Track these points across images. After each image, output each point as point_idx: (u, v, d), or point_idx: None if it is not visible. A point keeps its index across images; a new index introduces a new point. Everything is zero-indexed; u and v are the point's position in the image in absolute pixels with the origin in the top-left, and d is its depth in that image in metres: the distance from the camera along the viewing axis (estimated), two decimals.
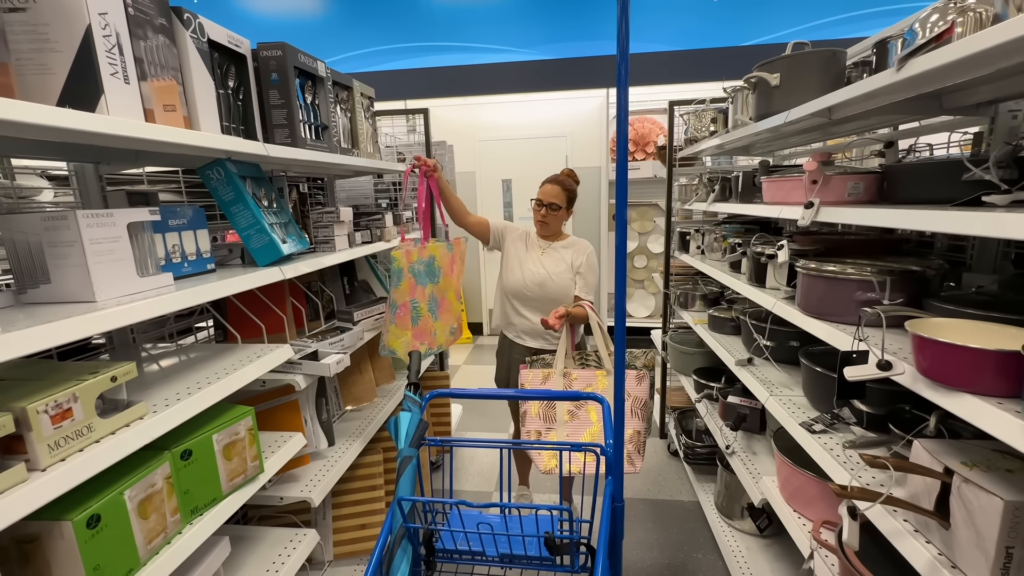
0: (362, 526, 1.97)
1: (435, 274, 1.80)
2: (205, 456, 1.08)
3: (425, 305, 1.76)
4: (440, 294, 1.84)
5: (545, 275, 2.01)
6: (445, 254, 1.87)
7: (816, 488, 1.36)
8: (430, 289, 1.78)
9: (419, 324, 1.72)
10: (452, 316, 1.93)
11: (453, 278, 1.94)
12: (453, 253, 1.92)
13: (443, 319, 1.86)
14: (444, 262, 1.85)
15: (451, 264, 1.90)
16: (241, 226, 1.33)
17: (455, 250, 1.94)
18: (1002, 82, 1.08)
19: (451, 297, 1.92)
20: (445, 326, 1.88)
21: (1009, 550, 0.77)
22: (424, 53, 4.60)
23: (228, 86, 1.39)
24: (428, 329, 1.77)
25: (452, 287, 1.92)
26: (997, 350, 0.75)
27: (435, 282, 1.81)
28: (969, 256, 1.43)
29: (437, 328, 1.82)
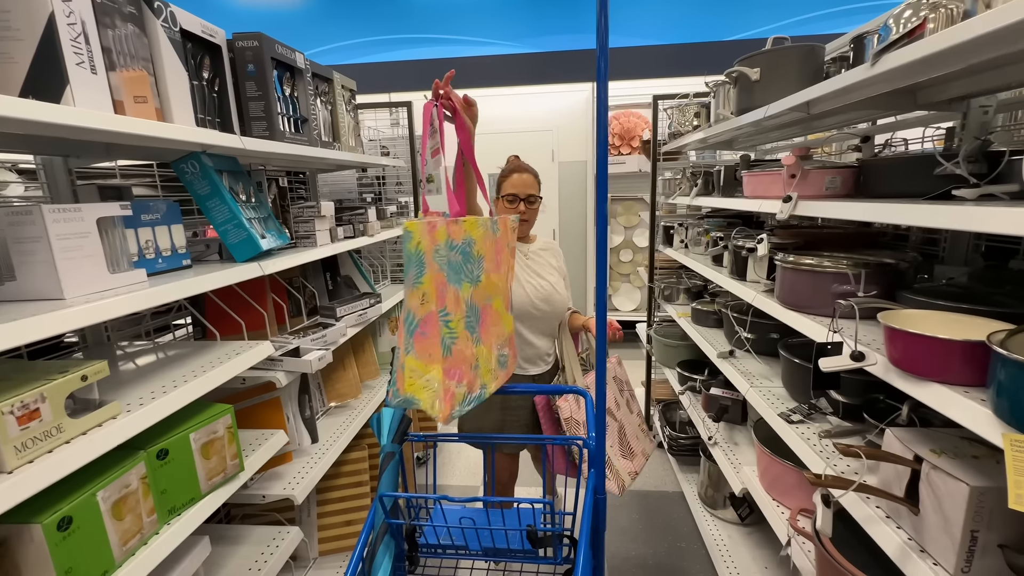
0: (348, 523, 1.96)
1: (474, 266, 1.06)
2: (182, 455, 1.07)
3: (461, 319, 1.03)
4: (482, 300, 1.09)
5: (550, 288, 1.69)
6: (487, 236, 1.09)
7: (794, 477, 1.39)
8: (467, 292, 1.05)
9: (454, 353, 1.02)
10: (500, 336, 1.14)
11: (501, 275, 1.15)
12: (499, 236, 1.13)
13: (487, 341, 1.09)
14: (487, 248, 1.09)
15: (497, 253, 1.12)
16: (218, 221, 1.31)
17: (501, 231, 1.14)
18: (974, 78, 1.11)
19: (498, 306, 1.14)
20: (490, 353, 1.10)
21: (974, 534, 0.80)
22: (408, 45, 4.54)
23: (203, 77, 1.35)
24: (467, 359, 1.04)
25: (499, 290, 1.14)
26: (964, 340, 0.77)
27: (474, 281, 1.06)
28: (942, 249, 1.46)
29: (480, 356, 1.07)
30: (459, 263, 1.03)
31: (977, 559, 0.81)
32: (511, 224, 1.20)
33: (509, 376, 1.18)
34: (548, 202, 4.90)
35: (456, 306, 1.03)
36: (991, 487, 0.78)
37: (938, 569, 0.84)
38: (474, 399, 1.05)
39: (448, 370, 1.01)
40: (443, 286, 1.00)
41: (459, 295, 1.03)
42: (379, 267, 2.70)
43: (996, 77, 1.06)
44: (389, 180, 2.93)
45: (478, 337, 1.07)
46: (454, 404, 1.00)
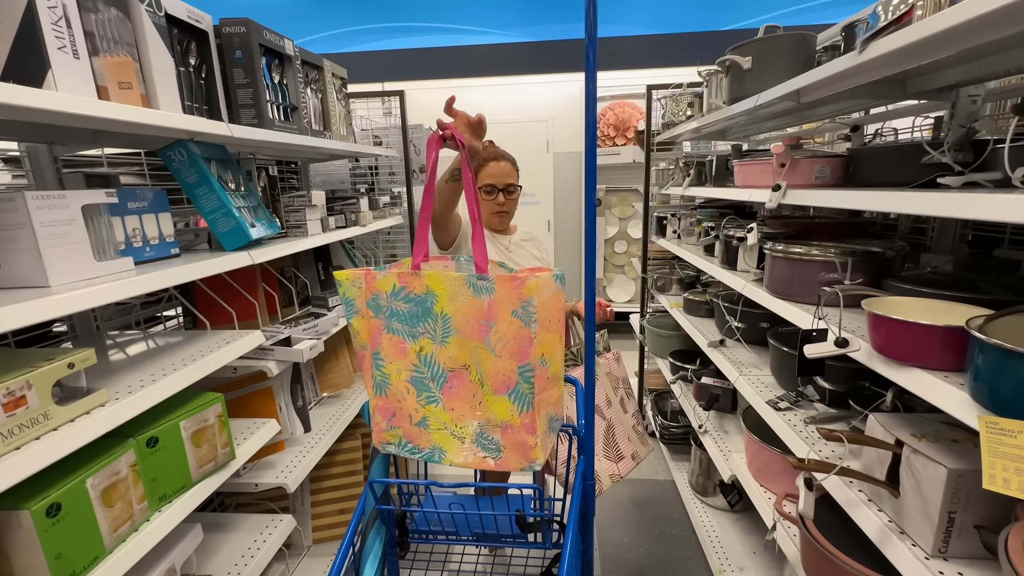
0: (341, 511, 1.98)
1: (436, 324, 0.96)
2: (172, 443, 1.07)
3: (402, 371, 0.98)
4: (451, 365, 0.97)
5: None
6: (460, 296, 0.95)
7: (780, 463, 1.41)
8: (426, 349, 0.97)
9: (388, 395, 1.00)
10: (482, 417, 0.97)
11: (489, 346, 0.94)
12: (493, 298, 0.93)
13: (454, 408, 0.98)
14: (459, 310, 0.95)
15: (484, 316, 0.94)
16: (206, 209, 1.30)
17: (501, 291, 0.93)
18: (963, 67, 1.11)
19: (474, 378, 0.97)
20: (460, 424, 0.98)
21: (952, 515, 0.81)
22: (401, 34, 4.49)
23: (189, 64, 1.34)
24: (403, 409, 0.99)
25: (497, 372, 0.95)
26: (944, 326, 0.78)
27: (438, 340, 0.96)
28: (929, 238, 1.47)
29: (431, 417, 0.99)
30: (412, 315, 0.97)
31: (954, 540, 0.83)
32: (531, 285, 0.91)
33: (501, 467, 0.97)
34: (542, 193, 4.89)
35: (399, 355, 0.98)
36: (968, 470, 0.79)
37: (916, 550, 0.86)
38: (417, 452, 0.99)
39: (380, 407, 1.01)
40: (377, 332, 0.99)
41: (408, 347, 0.98)
42: (372, 257, 2.69)
43: (985, 65, 1.06)
44: (382, 170, 2.92)
45: (433, 398, 0.98)
46: (382, 438, 1.00)
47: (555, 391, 1.01)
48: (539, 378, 0.95)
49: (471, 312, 0.95)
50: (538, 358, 0.94)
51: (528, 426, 0.95)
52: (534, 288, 0.91)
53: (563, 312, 0.99)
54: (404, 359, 0.99)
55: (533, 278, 0.92)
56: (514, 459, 0.95)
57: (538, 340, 0.93)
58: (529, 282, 0.92)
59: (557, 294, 0.97)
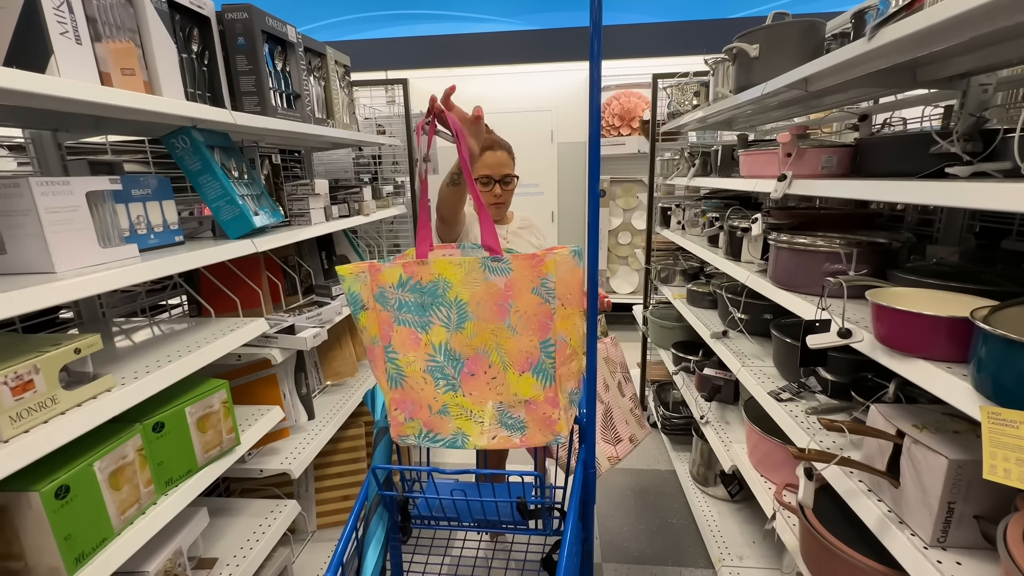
0: (345, 497, 2.00)
1: (450, 310, 0.96)
2: (178, 428, 1.08)
3: (417, 362, 0.97)
4: (468, 350, 0.96)
5: None
6: (473, 279, 0.94)
7: (781, 453, 1.42)
8: (440, 336, 0.97)
9: (404, 387, 0.99)
10: (505, 396, 0.97)
11: (510, 326, 0.95)
12: (510, 278, 0.93)
13: (474, 393, 0.97)
14: (474, 294, 0.94)
15: (502, 297, 0.94)
16: (210, 197, 1.30)
17: (519, 271, 0.93)
18: (974, 54, 1.09)
19: (502, 358, 0.96)
20: (480, 408, 0.98)
21: (951, 505, 0.82)
22: (404, 21, 4.45)
23: (192, 50, 1.33)
24: (421, 400, 0.98)
25: (519, 350, 0.95)
26: (948, 316, 0.78)
27: (452, 327, 0.96)
28: (936, 230, 1.46)
29: (450, 404, 0.98)
30: (421, 304, 0.96)
31: (953, 529, 0.83)
32: (548, 262, 0.91)
33: (526, 444, 0.97)
34: (546, 184, 4.87)
35: (412, 348, 0.97)
36: (969, 460, 0.79)
37: (915, 539, 0.86)
38: (440, 440, 0.98)
39: (396, 400, 0.99)
40: (387, 325, 0.97)
41: (421, 338, 0.97)
42: (375, 247, 2.70)
43: (997, 53, 1.04)
44: (385, 159, 2.91)
45: (452, 385, 0.97)
46: (401, 431, 0.99)
47: (575, 364, 1.01)
48: (560, 352, 0.95)
49: (488, 295, 0.95)
50: (559, 332, 0.95)
51: (551, 399, 0.95)
52: (552, 265, 0.92)
53: (581, 287, 0.98)
54: (418, 349, 0.98)
55: (551, 255, 0.93)
56: (538, 434, 0.95)
57: (558, 315, 0.94)
58: (547, 259, 0.92)
59: (575, 270, 0.97)
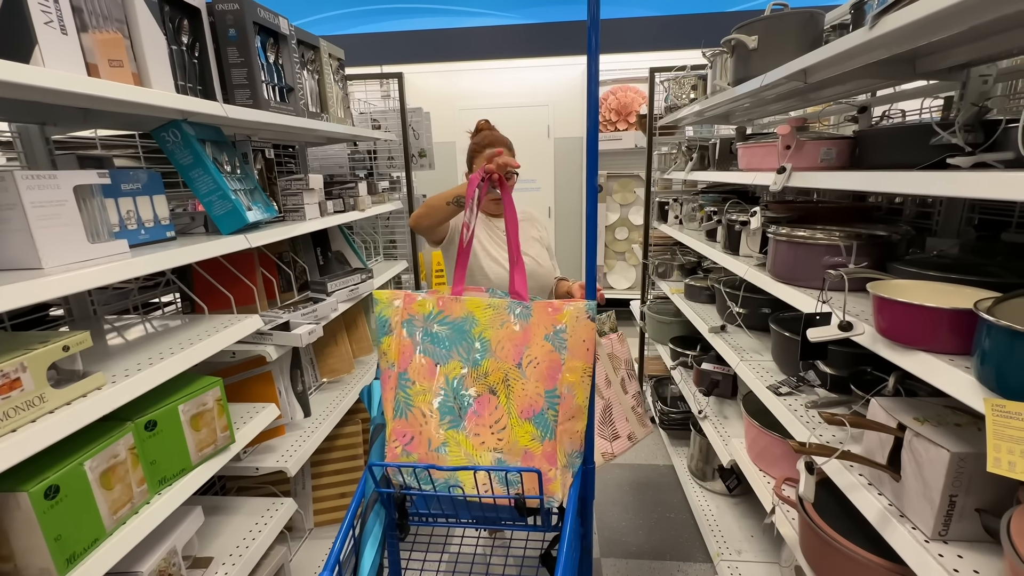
0: (342, 495, 1.99)
1: (471, 347, 1.01)
2: (171, 427, 1.07)
3: (428, 393, 1.01)
4: (480, 390, 1.00)
5: (532, 264, 1.64)
6: (501, 321, 1.02)
7: (780, 448, 1.41)
8: (456, 371, 1.01)
9: (409, 417, 1.01)
10: (504, 443, 0.99)
11: (521, 368, 0.99)
12: (529, 323, 1.00)
13: (481, 435, 0.99)
14: (502, 334, 1.01)
15: (520, 341, 0.99)
16: (202, 192, 1.28)
17: (537, 316, 1.00)
18: (974, 44, 1.08)
19: (508, 400, 0.99)
20: (483, 452, 0.99)
21: (953, 498, 0.81)
22: (400, 15, 4.41)
23: (182, 42, 1.31)
24: (422, 434, 0.99)
25: (524, 394, 0.98)
26: (951, 308, 0.77)
27: (470, 363, 1.00)
28: (935, 222, 1.46)
29: (450, 443, 0.99)
30: (444, 336, 1.03)
31: (954, 523, 0.83)
32: (573, 314, 0.96)
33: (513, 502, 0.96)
34: (543, 179, 4.85)
35: (427, 377, 1.02)
36: (971, 453, 0.79)
37: (916, 533, 0.86)
38: (432, 481, 0.98)
39: (397, 431, 1.01)
40: (408, 352, 1.03)
41: (437, 369, 1.02)
42: (371, 243, 2.68)
43: (997, 43, 1.03)
44: (381, 155, 2.88)
45: (457, 423, 1.00)
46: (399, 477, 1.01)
47: (578, 423, 1.02)
48: (564, 405, 0.98)
49: (509, 338, 1.01)
50: (565, 385, 0.98)
51: (550, 455, 0.97)
52: (568, 315, 0.98)
53: (593, 342, 1.00)
54: (432, 380, 1.02)
55: (568, 307, 0.98)
56: (532, 489, 0.96)
57: (567, 367, 0.97)
58: (565, 310, 0.98)
59: (588, 325, 1.00)
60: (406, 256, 2.86)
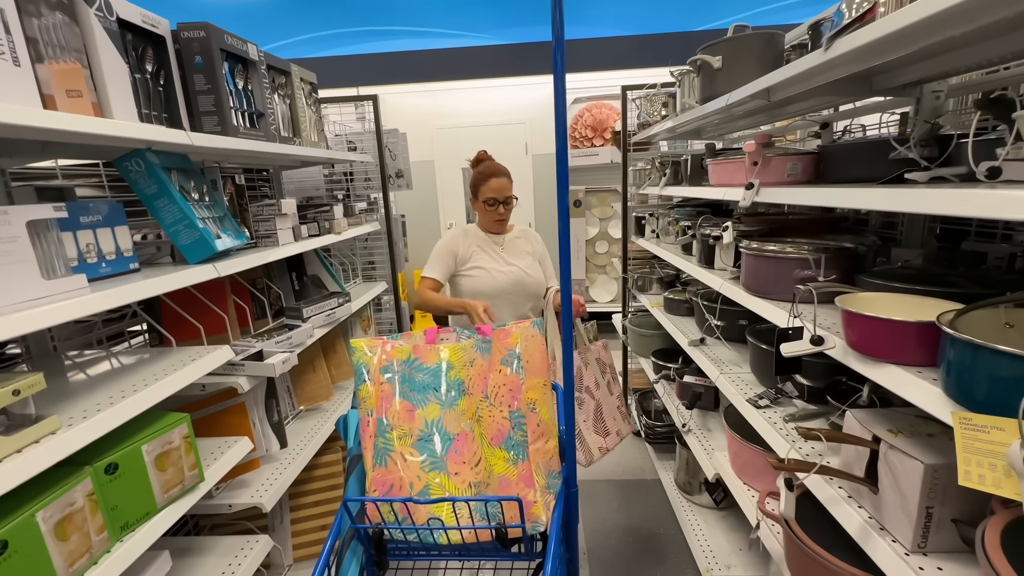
0: (323, 527, 1.92)
1: (448, 389, 1.06)
2: (134, 468, 1.02)
3: (411, 436, 1.02)
4: (458, 427, 1.03)
5: (520, 272, 1.82)
6: (473, 357, 1.08)
7: (762, 460, 1.41)
8: (434, 414, 1.04)
9: (388, 464, 1.00)
10: (481, 473, 1.01)
11: (487, 396, 1.03)
12: (489, 358, 1.06)
13: (461, 472, 1.01)
14: (473, 372, 1.06)
15: (485, 371, 1.05)
16: (167, 222, 1.25)
17: (496, 343, 1.06)
18: (926, 63, 1.12)
19: (480, 431, 1.03)
20: (462, 486, 1.01)
21: (929, 510, 0.81)
22: (375, 38, 4.44)
23: (146, 70, 1.29)
24: (401, 480, 1.00)
25: (492, 420, 1.01)
26: (915, 322, 0.79)
27: (447, 404, 1.04)
28: (899, 232, 1.50)
29: (437, 486, 1.00)
30: (422, 381, 1.08)
31: (932, 534, 0.83)
32: (530, 332, 1.06)
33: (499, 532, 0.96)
34: (523, 195, 4.88)
35: (407, 419, 1.05)
36: (944, 464, 0.79)
37: (896, 546, 0.86)
38: (412, 529, 0.98)
39: (377, 480, 1.01)
40: (387, 397, 1.06)
41: (416, 412, 1.06)
42: (348, 265, 2.64)
43: (947, 61, 1.07)
44: (358, 176, 2.87)
45: (438, 464, 1.02)
46: (374, 517, 1.01)
47: (548, 443, 1.06)
48: (531, 424, 1.02)
49: (478, 373, 1.07)
50: (528, 403, 1.02)
51: (526, 477, 1.00)
52: (518, 337, 1.05)
53: (545, 356, 1.08)
54: (412, 423, 1.05)
55: (517, 328, 1.06)
56: (514, 518, 0.97)
57: (526, 385, 1.03)
58: (514, 332, 1.05)
59: (537, 338, 1.08)
60: (385, 277, 2.83)
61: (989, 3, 0.67)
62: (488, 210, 1.82)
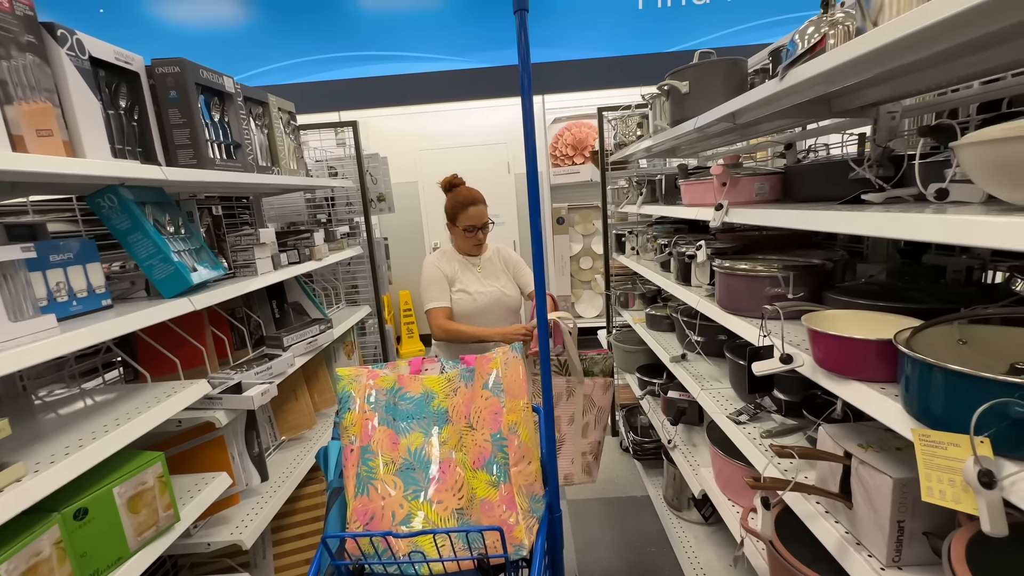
0: (307, 560, 1.87)
1: (431, 419, 1.08)
2: (105, 512, 0.99)
3: (394, 464, 1.03)
4: (441, 453, 1.05)
5: (498, 291, 1.93)
6: (458, 386, 1.11)
7: (745, 476, 1.42)
8: (417, 442, 1.05)
9: (370, 493, 1.01)
10: (467, 498, 1.01)
11: (470, 422, 1.06)
12: (472, 386, 1.09)
13: (444, 500, 1.01)
14: (457, 400, 1.10)
15: (470, 399, 1.08)
16: (141, 256, 1.24)
17: (478, 370, 1.11)
18: (882, 86, 1.18)
19: (463, 455, 1.04)
20: (444, 514, 1.00)
21: (901, 524, 0.83)
22: (354, 63, 4.49)
23: (120, 106, 1.29)
24: (381, 509, 1.00)
25: (474, 444, 1.03)
26: (876, 340, 0.81)
27: (431, 433, 1.07)
28: (866, 247, 1.54)
29: (420, 515, 1.00)
30: (406, 411, 1.10)
31: (906, 548, 0.84)
32: (510, 358, 1.10)
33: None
34: (507, 214, 4.93)
35: (390, 448, 1.06)
36: (912, 478, 0.81)
37: (872, 561, 0.87)
38: (393, 561, 0.94)
39: (358, 511, 1.01)
40: (370, 424, 1.08)
41: (400, 440, 1.07)
42: (331, 290, 2.63)
43: (900, 85, 1.12)
44: (339, 200, 2.88)
45: (420, 492, 1.02)
46: (353, 550, 0.98)
47: (530, 466, 1.06)
48: (511, 447, 1.03)
49: (462, 401, 1.09)
50: (508, 426, 1.04)
51: (507, 500, 1.00)
52: (499, 362, 1.09)
53: (524, 378, 1.10)
54: (395, 451, 1.06)
55: (497, 353, 1.11)
56: (496, 545, 0.96)
57: (507, 408, 1.05)
58: (495, 357, 1.10)
59: (515, 361, 1.11)
60: (369, 300, 2.82)
61: (924, 39, 0.71)
62: (468, 236, 1.91)
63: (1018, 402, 0.56)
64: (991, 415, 0.59)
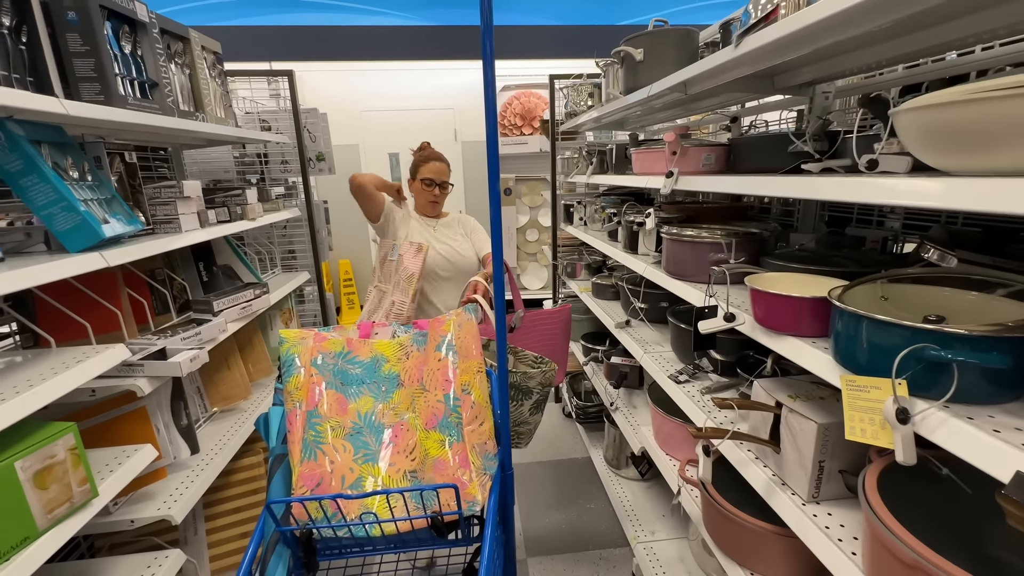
0: (244, 535, 1.80)
1: (381, 383, 1.06)
2: (6, 488, 0.88)
3: (343, 428, 1.01)
4: (392, 418, 1.03)
5: (452, 250, 1.87)
6: (410, 351, 1.09)
7: (683, 432, 1.52)
8: (368, 404, 1.03)
9: (318, 458, 0.98)
10: (419, 459, 1.00)
11: (423, 384, 1.05)
12: (425, 349, 1.07)
13: (396, 463, 1.00)
14: (409, 365, 1.07)
15: (422, 362, 1.06)
16: (38, 203, 1.08)
17: (431, 333, 1.08)
18: (818, 64, 1.24)
19: (415, 417, 1.03)
20: (396, 476, 0.99)
21: (821, 464, 0.92)
22: (287, 8, 4.11)
23: (3, 25, 1.09)
24: (328, 473, 0.98)
25: (427, 405, 1.03)
26: (810, 297, 0.88)
27: (382, 397, 1.04)
28: (796, 219, 1.66)
29: (371, 477, 0.98)
30: (356, 375, 1.07)
31: (824, 485, 0.94)
32: (459, 320, 1.09)
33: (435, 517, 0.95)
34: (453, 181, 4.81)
35: (339, 412, 1.03)
36: (833, 423, 0.90)
37: (795, 498, 0.96)
38: (343, 524, 0.94)
39: (305, 475, 0.98)
40: (318, 389, 1.05)
41: (348, 405, 1.04)
42: (266, 254, 2.46)
43: (835, 64, 1.19)
44: (273, 158, 2.66)
45: (371, 455, 1.00)
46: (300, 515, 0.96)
47: (483, 425, 1.07)
48: (465, 407, 1.03)
49: (415, 365, 1.08)
50: (461, 386, 1.04)
51: (461, 458, 1.01)
52: (451, 325, 1.08)
53: (478, 340, 1.11)
54: (344, 416, 1.03)
55: (451, 316, 1.09)
56: (451, 502, 0.97)
57: (460, 369, 1.05)
58: (448, 320, 1.09)
59: (470, 323, 1.10)
60: (308, 267, 2.66)
61: (869, 9, 0.75)
62: (424, 190, 1.90)
63: (933, 347, 0.63)
64: (908, 360, 0.65)
